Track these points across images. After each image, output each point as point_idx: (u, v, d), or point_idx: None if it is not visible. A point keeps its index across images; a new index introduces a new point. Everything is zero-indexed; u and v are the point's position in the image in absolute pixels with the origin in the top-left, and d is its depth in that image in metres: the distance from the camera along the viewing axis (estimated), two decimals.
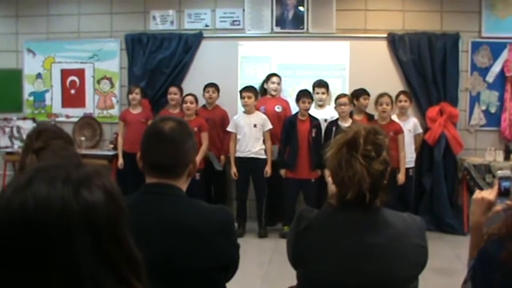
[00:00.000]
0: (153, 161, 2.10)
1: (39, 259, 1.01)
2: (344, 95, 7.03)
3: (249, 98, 7.02)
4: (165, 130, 2.10)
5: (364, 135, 1.99)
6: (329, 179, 2.21)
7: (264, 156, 7.02)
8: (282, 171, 6.98)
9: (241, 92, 7.15)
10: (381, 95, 6.92)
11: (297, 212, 2.20)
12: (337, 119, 6.92)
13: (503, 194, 2.21)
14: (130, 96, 7.47)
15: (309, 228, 2.09)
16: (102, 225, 1.07)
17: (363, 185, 1.95)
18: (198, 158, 6.70)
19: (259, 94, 7.43)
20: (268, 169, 7.00)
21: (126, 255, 1.12)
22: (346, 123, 6.59)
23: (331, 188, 2.14)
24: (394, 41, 7.52)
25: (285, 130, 7.01)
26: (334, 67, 7.70)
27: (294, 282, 2.22)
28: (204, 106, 7.49)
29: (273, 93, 7.48)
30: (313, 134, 6.88)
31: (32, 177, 1.08)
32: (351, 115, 7.04)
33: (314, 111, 7.22)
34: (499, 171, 2.32)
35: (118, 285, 1.09)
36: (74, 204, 1.05)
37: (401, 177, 6.75)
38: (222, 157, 7.29)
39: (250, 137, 7.00)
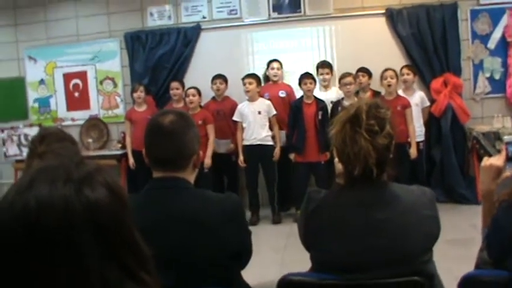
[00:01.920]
0: (156, 155, 2.12)
1: (45, 259, 1.01)
2: (348, 74, 6.99)
3: (250, 83, 6.99)
4: (164, 123, 2.12)
5: (366, 110, 1.98)
6: (336, 159, 2.20)
7: (271, 143, 7.02)
8: (291, 156, 6.97)
9: (243, 79, 7.12)
10: (385, 70, 6.92)
11: (306, 194, 2.19)
12: (342, 99, 6.91)
13: (511, 158, 2.19)
14: (135, 95, 7.47)
15: (318, 209, 2.08)
16: (107, 222, 1.07)
17: (369, 160, 1.94)
18: (209, 151, 6.74)
19: (262, 81, 7.40)
20: (277, 151, 7.00)
21: (133, 250, 1.11)
22: (349, 102, 6.54)
23: (338, 166, 2.13)
24: (393, 16, 7.47)
25: (292, 114, 6.99)
26: (335, 47, 7.68)
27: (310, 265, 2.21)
28: (213, 98, 7.49)
29: (274, 78, 7.45)
30: (320, 117, 6.84)
31: (33, 179, 1.08)
32: (357, 94, 7.02)
33: (319, 93, 7.21)
34: (506, 136, 2.31)
35: (127, 280, 1.08)
36: (76, 203, 1.04)
37: (413, 151, 6.72)
38: (232, 145, 7.29)
39: (256, 124, 6.98)
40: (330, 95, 7.27)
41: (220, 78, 7.38)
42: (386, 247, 1.96)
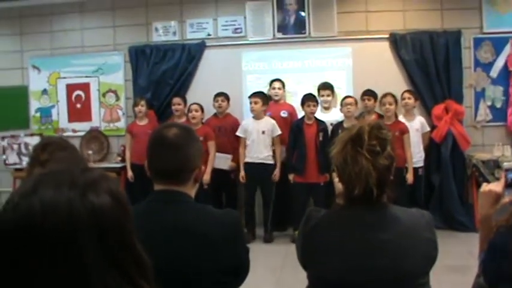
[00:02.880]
0: (158, 167, 2.11)
1: (48, 263, 1.02)
2: (349, 97, 7.08)
3: (256, 103, 7.06)
4: (168, 136, 2.11)
5: (368, 131, 1.98)
6: (336, 178, 2.21)
7: (272, 162, 7.06)
8: (291, 176, 6.98)
9: (249, 97, 7.20)
10: (384, 95, 6.99)
11: (306, 212, 2.19)
12: (343, 121, 6.94)
13: (510, 185, 2.19)
14: (136, 109, 7.50)
15: (317, 227, 2.08)
16: (109, 229, 1.08)
17: (370, 180, 1.94)
18: (208, 168, 6.75)
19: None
20: (276, 173, 7.04)
21: (134, 258, 1.12)
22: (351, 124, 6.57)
23: (338, 186, 2.14)
24: (396, 41, 7.53)
25: (292, 134, 7.01)
26: (338, 69, 7.72)
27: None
28: (215, 115, 7.53)
29: (275, 98, 7.51)
30: (321, 138, 6.87)
31: (38, 183, 1.08)
32: (359, 116, 7.05)
33: (320, 114, 7.23)
34: (505, 163, 2.33)
35: (127, 286, 1.09)
36: (80, 208, 1.05)
37: (410, 177, 6.75)
38: (233, 163, 7.29)
39: (259, 143, 7.04)
40: (330, 116, 7.31)
41: (223, 95, 7.44)
42: (384, 267, 1.96)
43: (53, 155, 2.26)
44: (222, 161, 7.25)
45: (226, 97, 7.45)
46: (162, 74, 7.92)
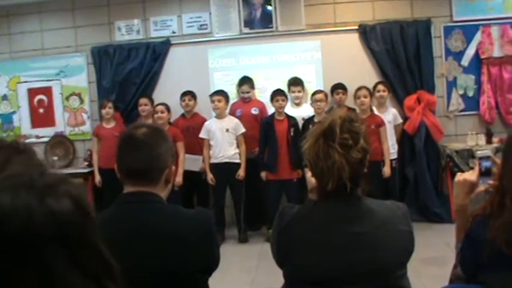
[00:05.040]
0: (128, 166, 2.12)
1: (9, 269, 1.00)
2: (320, 91, 7.08)
3: (219, 101, 7.08)
4: (138, 135, 2.14)
5: (339, 124, 2.00)
6: (308, 173, 2.22)
7: (239, 161, 7.07)
8: (263, 174, 7.00)
9: (211, 96, 7.19)
10: (359, 89, 6.99)
11: (279, 209, 2.20)
12: (313, 116, 6.96)
13: (484, 173, 2.22)
14: (104, 111, 7.44)
15: (291, 224, 2.10)
16: (71, 234, 1.06)
17: (343, 174, 1.95)
18: (179, 170, 6.75)
19: (237, 96, 7.53)
20: (241, 172, 7.04)
21: (99, 262, 1.11)
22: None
23: (311, 181, 2.15)
24: (366, 32, 7.56)
25: (263, 131, 7.03)
26: (308, 63, 7.74)
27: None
28: (183, 115, 7.51)
29: (246, 101, 7.53)
30: (292, 133, 6.89)
31: None
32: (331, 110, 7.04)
33: (291, 110, 7.25)
34: (479, 152, 2.35)
35: (92, 287, 1.08)
36: (39, 213, 1.03)
37: (387, 170, 6.78)
38: (203, 164, 7.24)
39: (223, 142, 7.03)
40: (301, 111, 7.33)
41: (189, 94, 7.43)
42: (361, 261, 1.98)
43: (11, 158, 2.21)
44: (192, 163, 7.22)
45: (193, 96, 7.44)
46: (127, 74, 7.86)
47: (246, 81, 7.55)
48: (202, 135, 7.14)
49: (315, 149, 2.01)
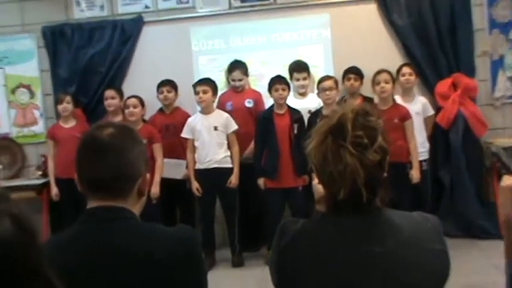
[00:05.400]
0: (91, 177, 2.11)
1: None
2: (329, 78, 7.06)
3: (205, 92, 7.05)
4: (102, 137, 2.12)
5: (351, 119, 1.99)
6: (315, 180, 2.23)
7: (231, 165, 7.08)
8: (261, 181, 6.99)
9: (195, 86, 7.18)
10: (378, 73, 6.96)
11: (279, 225, 2.21)
12: (321, 108, 6.97)
13: None
14: (60, 107, 7.43)
15: (295, 243, 2.09)
16: (12, 259, 1.08)
17: (357, 180, 1.94)
18: (156, 177, 6.76)
19: (226, 85, 7.58)
20: (234, 179, 7.04)
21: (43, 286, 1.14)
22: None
23: (318, 189, 2.16)
24: (386, 3, 7.57)
25: (259, 129, 7.05)
26: (314, 43, 7.77)
27: None
28: (161, 110, 7.55)
29: (238, 90, 7.55)
30: (295, 131, 6.89)
31: None
32: (344, 101, 7.03)
33: (294, 101, 7.28)
34: None
35: None
36: None
37: (415, 174, 6.75)
38: (187, 170, 7.25)
39: (211, 142, 7.03)
40: (306, 103, 7.36)
41: (168, 84, 7.45)
42: (380, 287, 1.99)
43: None
44: (174, 169, 7.23)
45: (173, 86, 7.47)
46: (90, 60, 7.87)
47: (237, 67, 7.55)
48: (184, 134, 7.15)
49: (321, 150, 2.01)
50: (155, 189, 6.83)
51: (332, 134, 2.01)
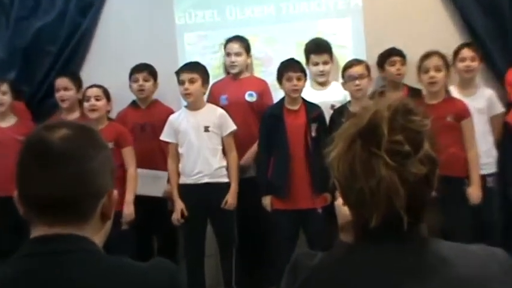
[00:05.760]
0: (36, 195, 2.06)
1: None
2: (358, 62, 7.04)
3: (192, 81, 6.99)
4: (53, 141, 2.06)
5: (388, 118, 1.96)
6: (338, 200, 2.22)
7: (227, 180, 7.02)
8: (266, 201, 6.96)
9: (179, 73, 7.10)
10: (427, 56, 6.90)
11: (291, 260, 2.21)
12: (348, 103, 6.96)
13: None
14: None
15: (311, 282, 2.09)
16: None
17: (395, 201, 1.92)
18: (128, 194, 6.74)
19: (222, 72, 7.63)
20: (230, 198, 6.98)
21: None
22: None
23: (343, 212, 2.16)
24: None
25: (264, 130, 7.03)
26: (339, 16, 7.79)
27: None
28: (134, 103, 7.59)
29: (233, 70, 7.55)
30: (313, 133, 6.87)
31: None
32: (381, 93, 6.95)
33: (312, 93, 7.30)
34: None
35: None
36: None
37: (474, 192, 6.68)
38: (168, 187, 7.24)
39: (201, 148, 6.97)
40: (328, 96, 7.37)
41: (145, 70, 7.47)
42: None
43: None
44: (151, 183, 7.19)
45: (150, 73, 7.49)
46: (35, 36, 7.90)
47: (235, 39, 7.59)
48: (164, 137, 7.11)
49: (348, 160, 1.99)
50: (127, 210, 6.79)
51: (362, 138, 1.98)
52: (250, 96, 7.49)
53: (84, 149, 2.10)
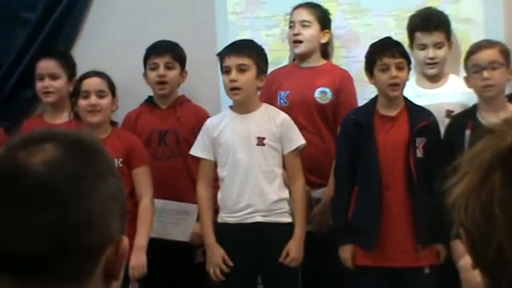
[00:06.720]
0: (7, 249, 1.95)
1: None
2: (489, 44, 6.88)
3: (242, 70, 6.79)
4: (33, 165, 1.94)
5: None
6: (464, 260, 2.21)
7: (288, 219, 6.88)
8: (346, 253, 6.84)
9: (220, 57, 6.98)
10: None
11: None
12: (476, 108, 6.83)
13: None
14: None
15: None
16: None
17: None
18: (141, 237, 6.62)
19: (268, 63, 7.36)
20: (293, 251, 6.76)
21: None
22: (496, 117, 6.23)
23: (472, 278, 2.15)
24: None
25: (344, 146, 6.95)
26: None
27: None
28: (150, 101, 7.61)
29: (297, 49, 7.47)
30: (420, 153, 6.75)
31: None
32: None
33: (418, 91, 7.29)
34: None
35: None
36: None
37: None
38: (198, 227, 7.10)
39: (251, 170, 6.78)
40: (444, 96, 7.34)
41: (168, 53, 7.45)
42: None
43: None
44: (173, 220, 7.15)
45: (176, 56, 7.48)
46: (9, 3, 7.97)
47: (306, 6, 7.52)
48: (197, 151, 6.95)
49: (481, 199, 1.95)
50: (137, 260, 6.62)
51: (504, 168, 1.93)
52: (322, 94, 7.39)
53: (78, 178, 1.94)
